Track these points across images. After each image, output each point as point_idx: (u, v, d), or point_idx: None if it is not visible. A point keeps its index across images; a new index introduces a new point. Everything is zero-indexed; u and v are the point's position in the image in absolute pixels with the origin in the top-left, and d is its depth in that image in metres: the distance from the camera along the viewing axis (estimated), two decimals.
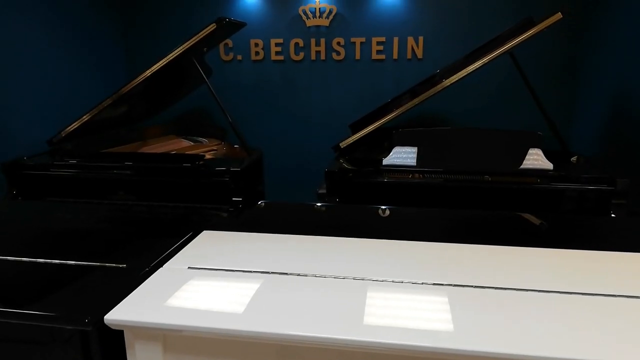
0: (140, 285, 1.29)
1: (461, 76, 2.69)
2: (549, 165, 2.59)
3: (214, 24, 2.91)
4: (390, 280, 1.31)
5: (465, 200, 2.55)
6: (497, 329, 1.07)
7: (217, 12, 4.07)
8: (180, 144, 3.64)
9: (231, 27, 3.27)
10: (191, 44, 2.91)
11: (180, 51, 2.92)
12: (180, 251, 1.54)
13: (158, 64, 2.94)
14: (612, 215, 2.42)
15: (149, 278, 1.34)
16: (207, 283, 1.31)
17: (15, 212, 2.20)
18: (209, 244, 1.61)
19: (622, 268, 1.40)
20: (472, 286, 1.26)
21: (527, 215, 1.95)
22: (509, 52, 2.70)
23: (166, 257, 1.48)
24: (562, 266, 1.41)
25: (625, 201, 2.44)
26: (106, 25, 4.11)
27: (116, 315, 1.14)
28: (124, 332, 1.16)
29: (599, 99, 3.46)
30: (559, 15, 2.58)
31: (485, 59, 2.65)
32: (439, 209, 2.25)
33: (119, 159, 2.92)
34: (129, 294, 1.24)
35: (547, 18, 2.60)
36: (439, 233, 1.76)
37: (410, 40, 3.95)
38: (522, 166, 2.61)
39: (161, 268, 1.41)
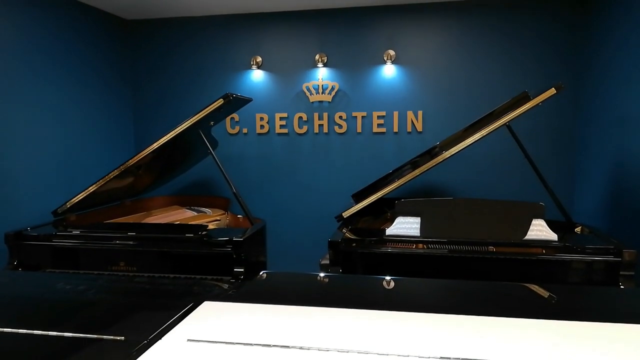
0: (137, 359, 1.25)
1: (460, 148, 2.76)
2: (553, 236, 2.58)
3: (222, 99, 3.03)
4: (396, 354, 1.26)
5: (470, 270, 2.52)
6: None
7: (224, 87, 4.26)
8: (183, 214, 3.66)
9: (238, 102, 3.41)
10: (199, 117, 3.02)
11: (189, 124, 3.02)
12: (180, 323, 1.50)
13: (166, 137, 3.03)
14: (621, 286, 2.37)
15: (147, 351, 1.30)
16: (207, 356, 1.27)
17: (13, 282, 2.17)
18: (209, 316, 1.57)
19: (634, 340, 1.35)
20: None
21: (533, 287, 1.92)
22: (506, 124, 2.78)
23: (165, 329, 1.45)
24: (572, 338, 1.36)
25: (634, 272, 2.40)
26: (115, 98, 4.30)
27: None
28: None
29: (600, 169, 3.51)
30: (552, 91, 2.69)
31: (483, 132, 2.73)
32: (443, 279, 2.21)
33: (122, 229, 2.93)
34: None
35: (541, 93, 2.71)
36: (444, 304, 1.72)
37: (410, 114, 4.09)
38: (526, 237, 2.59)
39: (160, 341, 1.37)
